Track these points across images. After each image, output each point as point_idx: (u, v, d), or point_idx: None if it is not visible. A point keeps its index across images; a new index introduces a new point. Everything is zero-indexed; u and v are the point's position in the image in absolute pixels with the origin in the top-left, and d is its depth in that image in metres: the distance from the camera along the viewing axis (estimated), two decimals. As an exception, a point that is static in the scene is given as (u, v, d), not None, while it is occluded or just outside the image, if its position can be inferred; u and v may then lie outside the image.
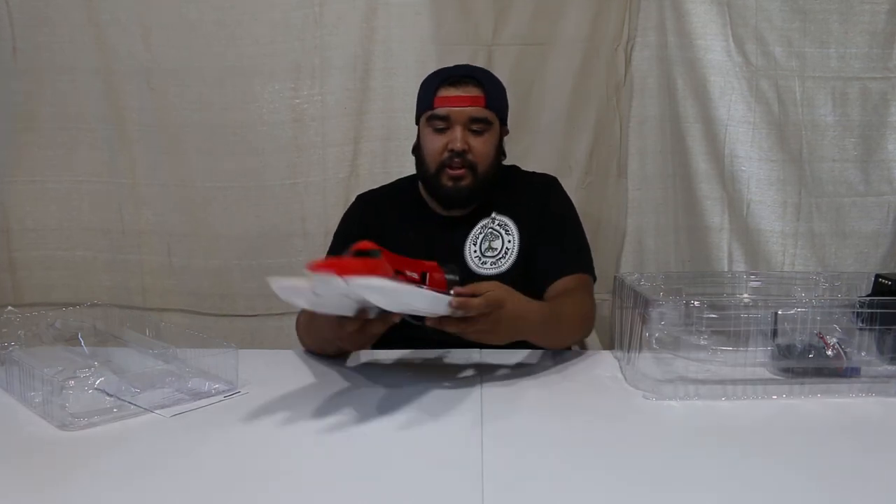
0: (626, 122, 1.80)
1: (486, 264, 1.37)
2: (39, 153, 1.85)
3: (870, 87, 1.66)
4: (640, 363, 1.12)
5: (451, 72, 1.39)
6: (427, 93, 1.38)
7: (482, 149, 1.35)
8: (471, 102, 1.34)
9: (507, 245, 1.38)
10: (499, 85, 1.41)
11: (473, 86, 1.35)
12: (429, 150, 1.37)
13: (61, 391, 0.97)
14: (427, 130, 1.37)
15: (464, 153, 1.33)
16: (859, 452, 0.93)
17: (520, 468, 0.87)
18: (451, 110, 1.34)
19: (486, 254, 1.38)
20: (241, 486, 0.82)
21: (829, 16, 1.65)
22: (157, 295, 1.90)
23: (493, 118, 1.37)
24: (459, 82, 1.35)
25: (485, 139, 1.36)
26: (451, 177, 1.35)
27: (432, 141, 1.36)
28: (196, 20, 1.75)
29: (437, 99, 1.35)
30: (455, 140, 1.33)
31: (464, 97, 1.34)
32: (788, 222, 1.72)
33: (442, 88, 1.35)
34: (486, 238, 1.39)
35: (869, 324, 1.12)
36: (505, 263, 1.37)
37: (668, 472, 0.86)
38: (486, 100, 1.35)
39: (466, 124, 1.34)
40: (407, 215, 1.44)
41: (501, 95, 1.41)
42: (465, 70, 1.41)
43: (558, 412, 1.05)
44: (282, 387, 1.13)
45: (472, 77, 1.37)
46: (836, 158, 1.69)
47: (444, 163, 1.35)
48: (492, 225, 1.40)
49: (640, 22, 1.75)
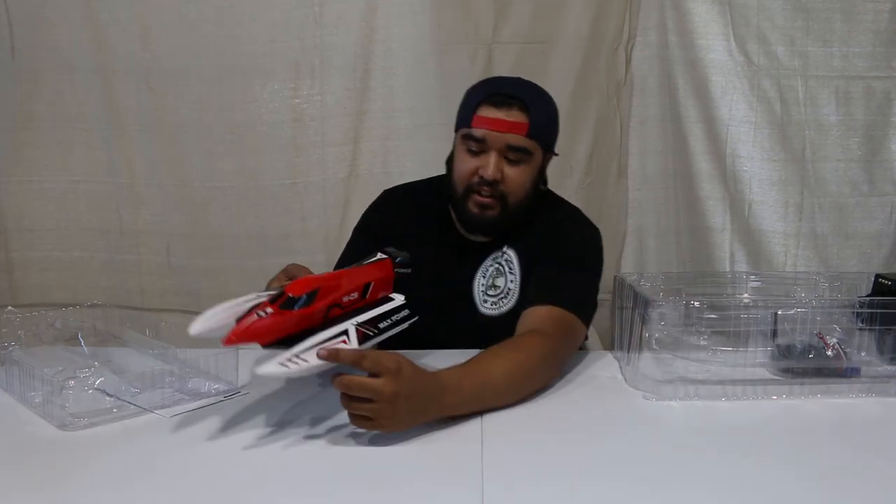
0: (626, 122, 1.80)
1: (486, 303, 1.29)
2: (37, 153, 1.85)
3: (874, 87, 1.67)
4: (640, 364, 1.12)
5: (498, 87, 1.25)
6: (468, 106, 1.25)
7: (517, 179, 1.23)
8: (510, 128, 1.20)
9: (509, 285, 1.28)
10: (548, 108, 1.27)
11: (518, 109, 1.21)
12: (459, 171, 1.26)
13: (61, 391, 0.96)
14: (461, 148, 1.25)
15: (495, 183, 1.21)
16: (859, 452, 0.93)
17: (520, 468, 0.87)
18: (489, 133, 1.21)
19: (488, 292, 1.29)
20: (241, 487, 0.82)
21: (832, 15, 1.65)
22: (155, 295, 1.89)
23: (535, 148, 1.23)
24: (504, 103, 1.21)
25: (521, 170, 1.23)
26: (478, 203, 1.24)
27: (464, 161, 1.24)
28: (195, 20, 1.75)
29: (476, 117, 1.22)
30: (487, 167, 1.21)
31: (504, 121, 1.20)
32: (791, 223, 1.72)
33: (483, 106, 1.22)
34: (492, 274, 1.29)
35: (869, 324, 1.13)
36: (505, 306, 1.28)
37: (668, 473, 0.86)
38: (530, 128, 1.21)
39: (503, 151, 1.21)
40: (429, 225, 1.35)
41: (550, 122, 1.27)
42: (512, 88, 1.24)
43: (558, 413, 1.05)
44: (282, 387, 1.13)
45: (519, 99, 1.22)
46: (841, 158, 1.70)
47: (472, 187, 1.23)
48: (500, 259, 1.30)
49: (640, 21, 1.75)
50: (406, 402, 0.91)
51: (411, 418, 0.93)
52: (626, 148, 1.81)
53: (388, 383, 0.89)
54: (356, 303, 1.00)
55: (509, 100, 1.21)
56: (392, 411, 0.90)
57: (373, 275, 1.04)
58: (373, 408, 0.90)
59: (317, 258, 1.79)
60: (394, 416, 0.91)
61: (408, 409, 0.92)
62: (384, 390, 0.89)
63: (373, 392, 0.89)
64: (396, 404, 0.90)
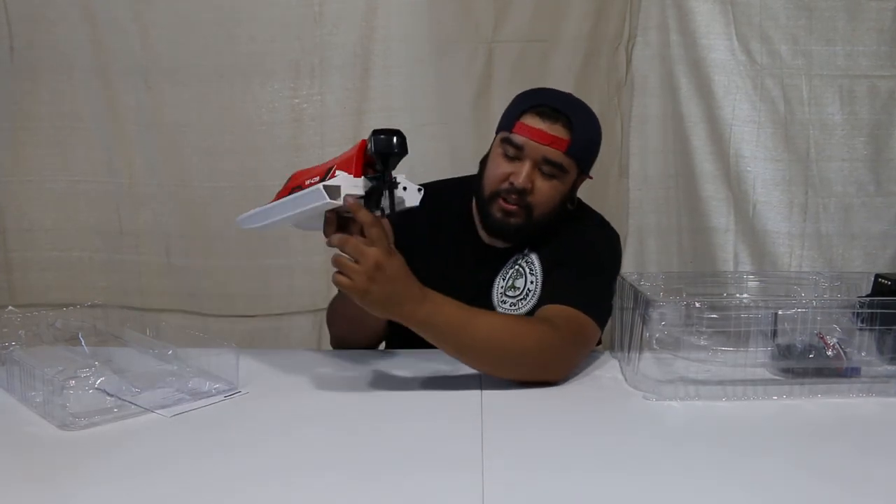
0: (626, 122, 1.80)
1: (505, 303, 1.28)
2: (36, 152, 1.85)
3: (878, 86, 1.66)
4: (640, 364, 1.12)
5: (546, 100, 1.24)
6: (513, 111, 1.25)
7: (547, 193, 1.22)
8: (551, 142, 1.20)
9: (528, 286, 1.27)
10: (592, 130, 1.27)
11: (563, 125, 1.21)
12: (491, 173, 1.25)
13: (62, 391, 0.96)
14: (498, 151, 1.25)
15: (524, 192, 1.21)
16: (859, 452, 0.93)
17: (520, 468, 0.87)
18: (528, 143, 1.21)
19: (507, 293, 1.28)
20: (242, 486, 0.82)
21: (836, 13, 1.65)
22: (155, 295, 1.89)
23: (571, 166, 1.23)
24: (549, 117, 1.21)
25: (553, 185, 1.23)
26: (503, 209, 1.23)
27: (498, 165, 1.24)
28: (194, 19, 1.75)
29: (519, 124, 1.22)
30: (519, 175, 1.20)
31: (546, 134, 1.20)
32: (795, 223, 1.71)
33: (528, 115, 1.22)
34: (512, 275, 1.29)
35: (869, 324, 1.13)
36: (524, 306, 1.26)
37: (668, 473, 0.86)
38: (570, 145, 1.21)
39: (538, 162, 1.21)
40: (451, 225, 1.35)
41: (591, 143, 1.27)
42: (561, 103, 1.24)
43: (558, 413, 1.05)
44: (282, 387, 1.13)
45: (565, 115, 1.21)
46: (846, 158, 1.69)
47: (500, 192, 1.23)
48: (520, 260, 1.29)
49: (640, 21, 1.75)
50: (385, 282, 0.99)
51: (383, 299, 1.01)
52: (627, 148, 1.80)
53: (377, 254, 0.99)
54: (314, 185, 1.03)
55: (555, 113, 1.21)
56: (369, 281, 0.99)
57: (340, 158, 1.05)
58: (355, 269, 0.99)
59: (316, 258, 1.79)
60: (369, 286, 0.99)
61: (384, 288, 1.00)
62: (370, 256, 0.98)
63: (361, 255, 0.98)
64: (376, 276, 0.99)
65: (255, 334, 1.87)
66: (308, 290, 1.85)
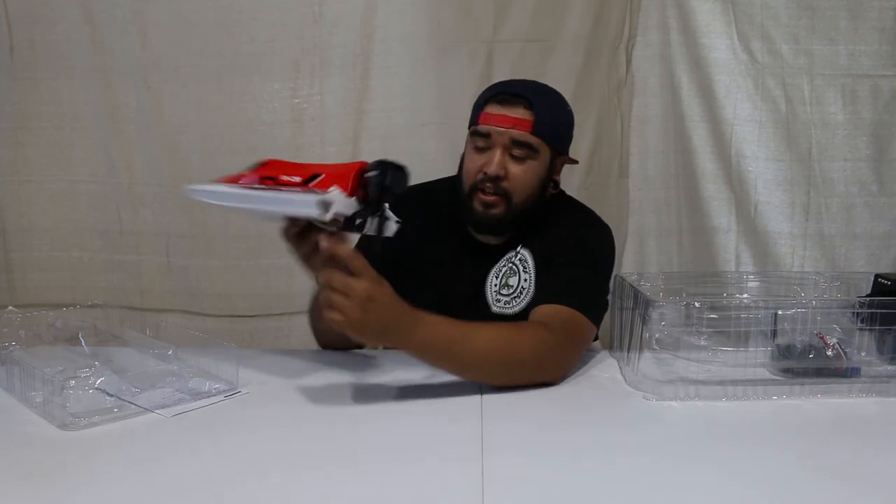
0: (626, 122, 1.79)
1: (499, 302, 1.29)
2: (35, 152, 1.85)
3: (880, 85, 1.65)
4: (640, 364, 1.12)
5: (504, 88, 1.28)
6: (476, 106, 1.29)
7: (521, 177, 1.24)
8: (514, 124, 1.23)
9: (522, 284, 1.28)
10: (558, 108, 1.30)
11: (524, 107, 1.23)
12: (467, 168, 1.29)
13: (62, 391, 0.96)
14: (469, 147, 1.29)
15: (498, 179, 1.23)
16: (859, 452, 0.93)
17: (520, 468, 0.87)
18: (493, 129, 1.24)
19: (501, 291, 1.29)
20: (242, 486, 0.82)
21: (838, 12, 1.64)
22: (155, 296, 1.89)
23: (541, 145, 1.25)
24: (509, 101, 1.24)
25: (526, 167, 1.25)
26: (482, 202, 1.25)
27: (471, 160, 1.27)
28: (194, 18, 1.75)
29: (483, 115, 1.26)
30: (491, 163, 1.23)
31: (508, 118, 1.23)
32: (797, 223, 1.69)
33: (490, 105, 1.26)
34: (506, 273, 1.30)
35: (869, 324, 1.13)
36: (518, 304, 1.27)
37: (668, 473, 0.86)
38: (534, 124, 1.23)
39: (507, 147, 1.23)
40: (443, 225, 1.36)
41: (557, 121, 1.29)
42: (518, 88, 1.27)
43: (558, 413, 1.05)
44: (282, 387, 1.13)
45: (524, 97, 1.24)
46: (848, 158, 1.67)
47: (477, 185, 1.26)
48: (514, 259, 1.30)
49: (640, 20, 1.75)
50: (377, 312, 0.98)
51: (379, 330, 1.00)
52: (627, 148, 1.80)
53: (366, 286, 0.97)
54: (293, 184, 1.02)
55: (515, 98, 1.24)
56: (362, 313, 0.97)
57: (328, 169, 1.03)
58: (345, 304, 0.96)
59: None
60: (363, 318, 0.97)
61: (377, 318, 0.98)
62: (360, 290, 0.96)
63: (350, 289, 0.96)
64: (367, 307, 0.97)
65: (255, 334, 1.87)
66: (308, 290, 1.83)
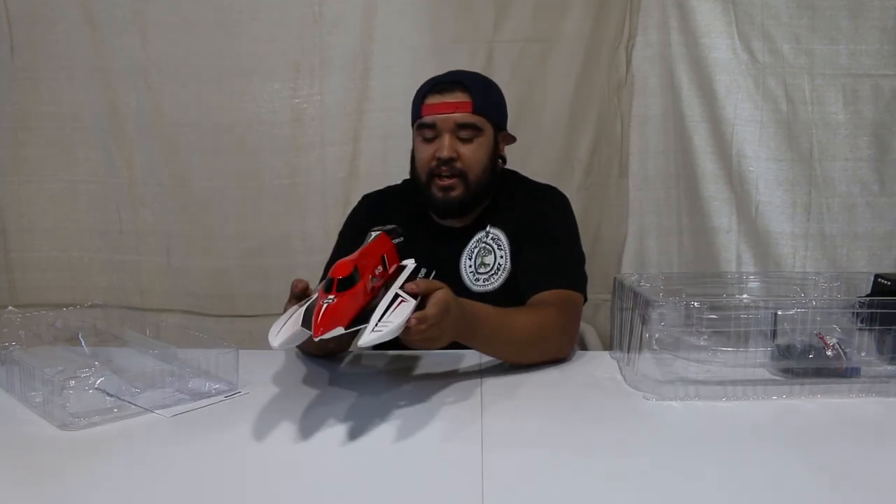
0: (626, 122, 1.79)
1: (479, 281, 1.36)
2: (36, 153, 1.85)
3: (881, 85, 1.65)
4: (640, 364, 1.12)
5: (439, 79, 1.36)
6: (416, 101, 1.36)
7: (472, 156, 1.32)
8: (455, 108, 1.31)
9: (498, 261, 1.35)
10: (490, 88, 1.38)
11: (460, 91, 1.32)
12: (419, 160, 1.36)
13: (62, 391, 0.96)
14: (417, 140, 1.36)
15: (451, 161, 1.31)
16: (859, 452, 0.93)
17: (520, 468, 0.87)
18: (437, 118, 1.31)
19: (479, 270, 1.36)
20: (241, 486, 0.82)
21: (838, 12, 1.64)
22: (155, 296, 1.89)
23: (484, 123, 1.33)
24: (446, 89, 1.33)
25: (475, 146, 1.32)
26: (441, 187, 1.33)
27: (422, 150, 1.35)
28: (194, 19, 1.75)
29: (424, 107, 1.33)
30: (442, 148, 1.31)
31: (449, 104, 1.31)
32: (798, 223, 1.69)
33: (429, 96, 1.34)
34: (479, 253, 1.37)
35: (869, 324, 1.12)
36: (497, 280, 1.35)
37: (668, 473, 0.86)
38: (474, 105, 1.31)
39: (454, 131, 1.31)
40: (408, 222, 1.38)
41: (494, 99, 1.38)
42: (452, 76, 1.37)
43: (558, 413, 1.05)
44: (282, 387, 1.13)
45: (459, 83, 1.33)
46: (849, 157, 1.67)
47: (433, 172, 1.33)
48: (485, 239, 1.37)
49: (640, 20, 1.75)
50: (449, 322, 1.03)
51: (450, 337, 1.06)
52: (627, 148, 1.80)
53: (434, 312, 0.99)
54: (384, 274, 1.06)
55: (451, 84, 1.33)
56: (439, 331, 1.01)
57: (381, 249, 1.09)
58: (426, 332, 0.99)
59: (316, 258, 1.79)
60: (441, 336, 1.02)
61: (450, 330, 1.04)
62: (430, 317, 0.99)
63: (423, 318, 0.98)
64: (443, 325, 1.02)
65: (255, 334, 1.87)
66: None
